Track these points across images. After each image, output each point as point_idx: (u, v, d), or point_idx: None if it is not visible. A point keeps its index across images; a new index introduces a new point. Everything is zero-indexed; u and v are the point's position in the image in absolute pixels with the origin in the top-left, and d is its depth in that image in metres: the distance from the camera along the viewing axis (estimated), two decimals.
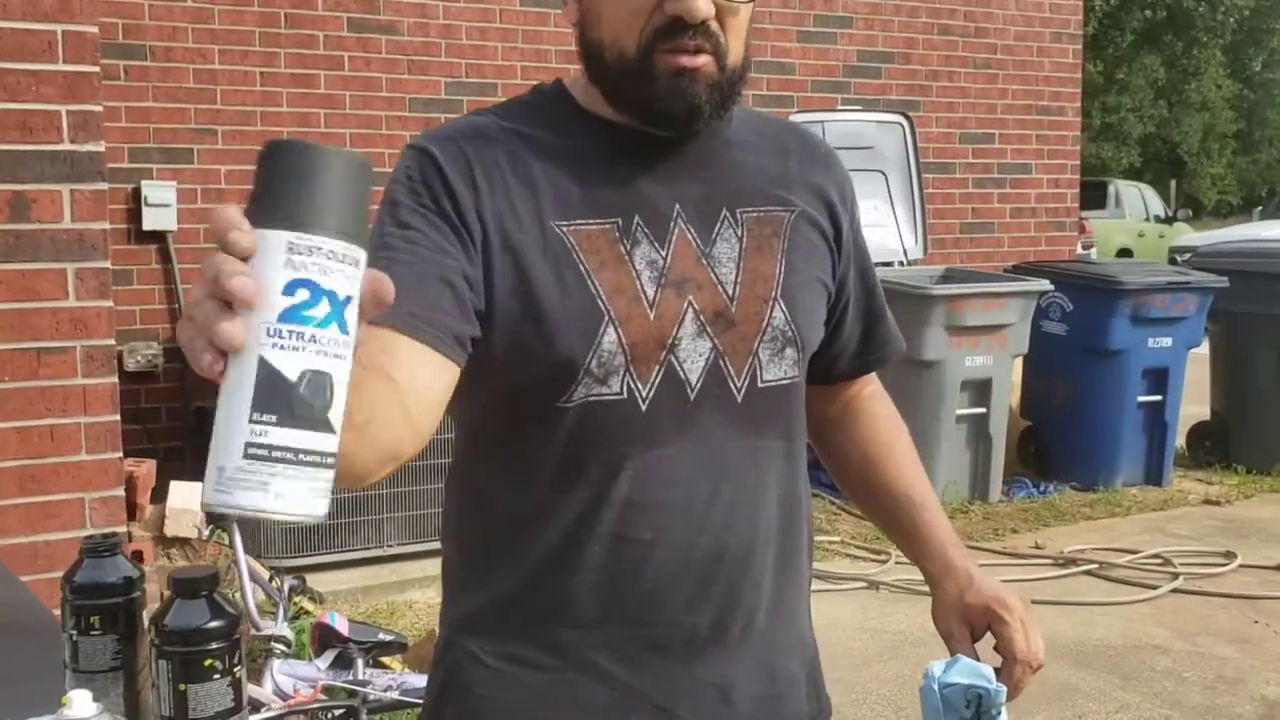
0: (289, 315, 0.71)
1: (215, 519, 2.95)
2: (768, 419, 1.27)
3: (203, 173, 5.43)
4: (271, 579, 3.14)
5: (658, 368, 1.20)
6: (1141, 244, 18.62)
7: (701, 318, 1.22)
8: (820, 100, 6.82)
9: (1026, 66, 7.59)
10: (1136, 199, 20.01)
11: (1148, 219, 19.75)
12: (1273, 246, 7.26)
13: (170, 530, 3.48)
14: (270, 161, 0.74)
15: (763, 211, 1.29)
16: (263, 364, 0.71)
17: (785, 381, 1.27)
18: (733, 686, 1.27)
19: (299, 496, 0.72)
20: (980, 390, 6.01)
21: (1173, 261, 11.88)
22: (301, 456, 0.72)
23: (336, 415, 0.74)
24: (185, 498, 3.45)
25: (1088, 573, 5.05)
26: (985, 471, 6.14)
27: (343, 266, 0.73)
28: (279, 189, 0.72)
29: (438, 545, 5.28)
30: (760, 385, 1.25)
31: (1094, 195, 18.28)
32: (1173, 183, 27.90)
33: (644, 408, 1.20)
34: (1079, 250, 8.46)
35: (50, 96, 2.80)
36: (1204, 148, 34.11)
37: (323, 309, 0.72)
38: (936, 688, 1.27)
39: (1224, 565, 5.11)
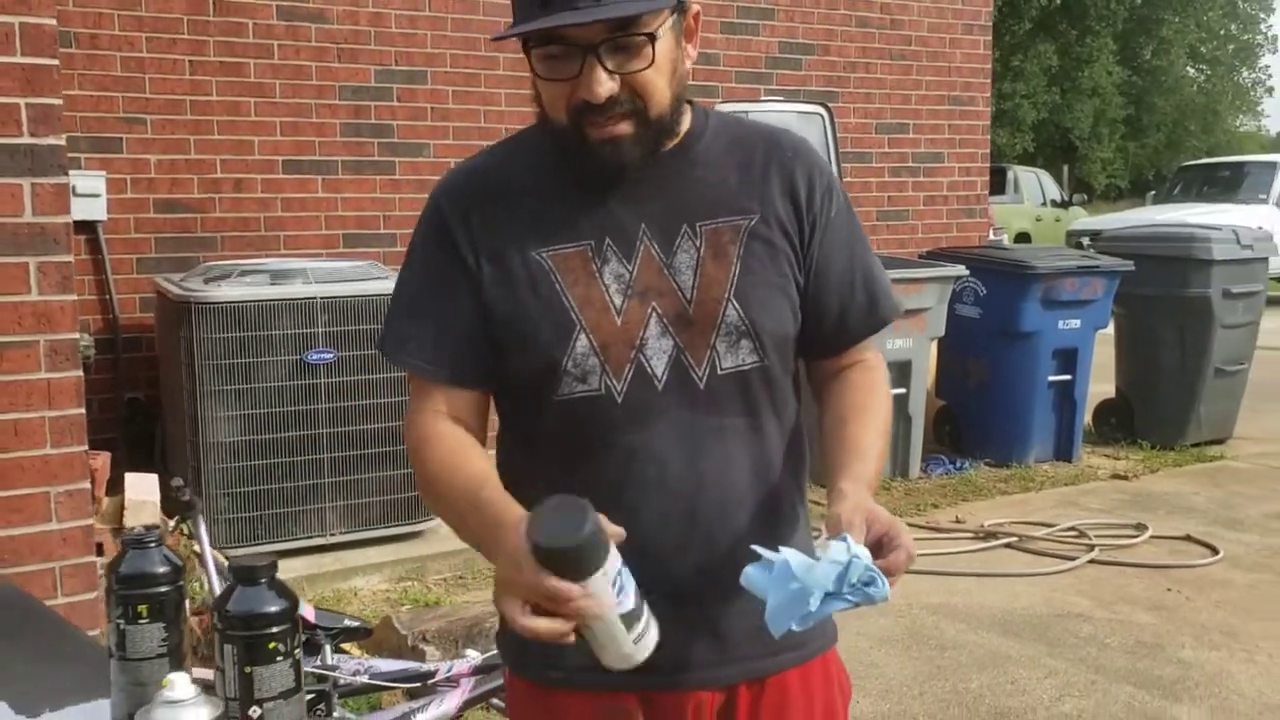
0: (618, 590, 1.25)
1: (180, 508, 2.97)
2: (728, 400, 1.47)
3: (132, 162, 5.36)
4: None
5: (629, 366, 1.44)
6: (1040, 228, 19.13)
7: (664, 320, 1.44)
8: (744, 91, 6.94)
9: (939, 58, 7.81)
10: (1034, 184, 20.53)
11: (1044, 203, 20.29)
12: (1174, 231, 7.56)
13: (130, 521, 3.47)
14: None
15: (721, 222, 1.48)
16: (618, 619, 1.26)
17: (745, 367, 1.47)
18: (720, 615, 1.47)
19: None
20: (900, 372, 6.19)
21: (1076, 245, 12.27)
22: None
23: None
24: (143, 489, 3.44)
25: (1008, 545, 5.27)
26: (905, 450, 6.36)
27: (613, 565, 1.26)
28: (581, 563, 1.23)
29: (380, 533, 5.38)
30: (720, 372, 1.46)
31: (994, 181, 18.69)
32: (1065, 167, 28.63)
33: (620, 400, 1.44)
34: (991, 235, 8.71)
35: (9, 89, 2.79)
36: (1095, 133, 35.08)
37: (620, 579, 1.25)
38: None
39: (1136, 537, 5.37)
